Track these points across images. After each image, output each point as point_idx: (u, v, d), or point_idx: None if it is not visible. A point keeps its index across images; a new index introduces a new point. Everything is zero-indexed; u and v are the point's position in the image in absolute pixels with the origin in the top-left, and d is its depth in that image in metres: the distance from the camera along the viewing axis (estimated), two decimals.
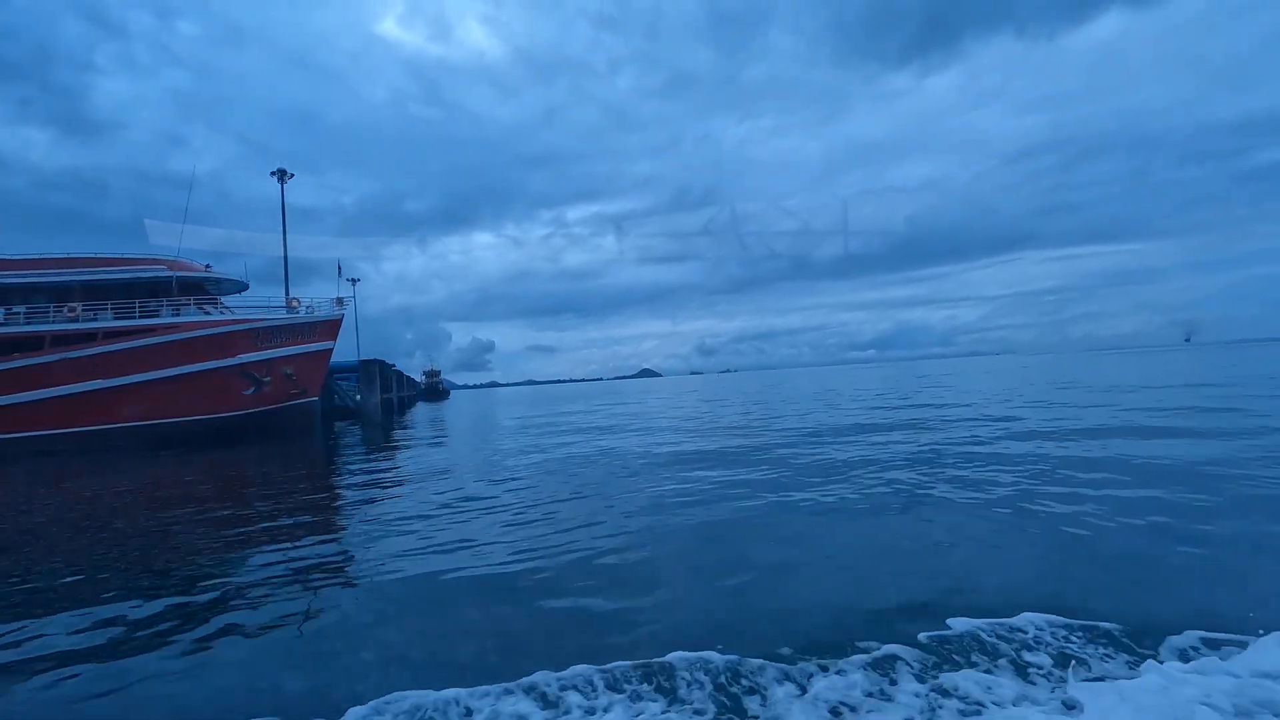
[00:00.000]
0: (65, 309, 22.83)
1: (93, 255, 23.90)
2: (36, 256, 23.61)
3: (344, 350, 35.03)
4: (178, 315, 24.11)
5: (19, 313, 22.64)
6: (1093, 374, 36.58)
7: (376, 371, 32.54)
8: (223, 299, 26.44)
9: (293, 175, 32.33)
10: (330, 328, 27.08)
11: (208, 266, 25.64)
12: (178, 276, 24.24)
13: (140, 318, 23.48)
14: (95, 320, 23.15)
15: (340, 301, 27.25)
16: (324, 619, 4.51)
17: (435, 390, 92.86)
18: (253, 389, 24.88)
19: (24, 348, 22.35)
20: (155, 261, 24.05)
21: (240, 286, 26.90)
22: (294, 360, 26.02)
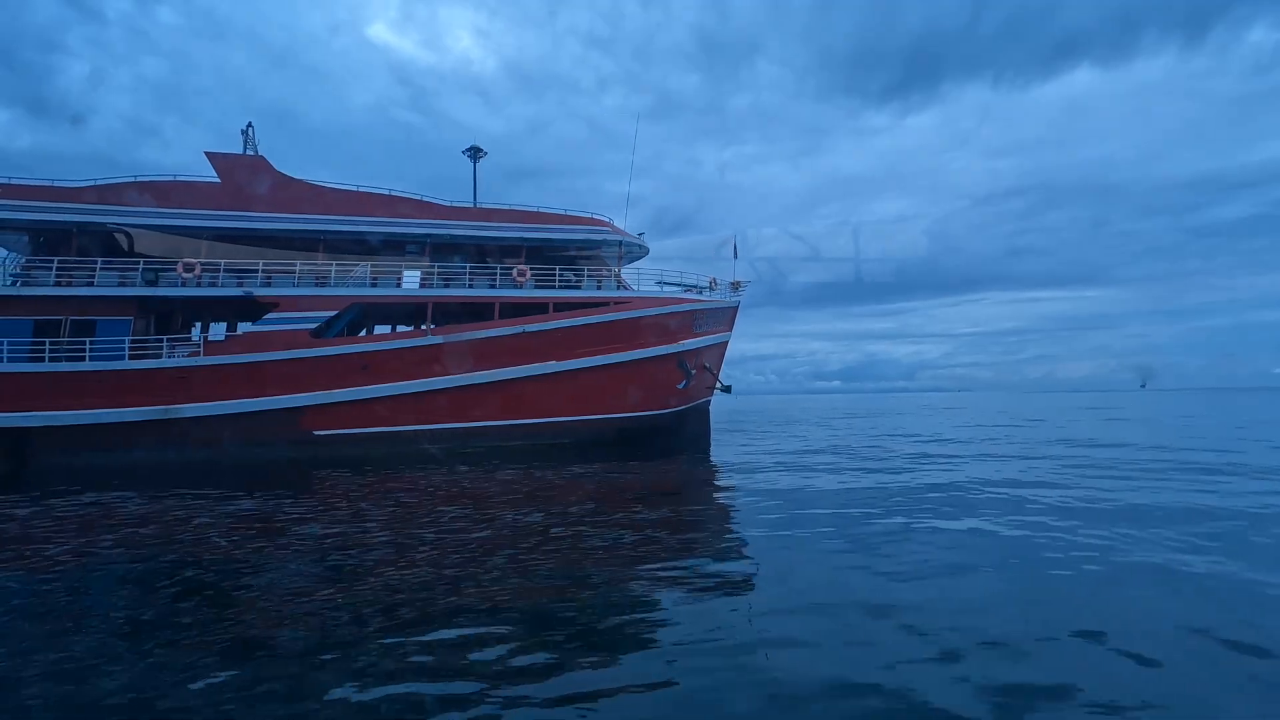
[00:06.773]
0: (514, 272, 18.29)
1: (529, 208, 19.39)
2: (464, 205, 19.04)
3: None
4: (613, 289, 19.88)
5: (464, 270, 17.98)
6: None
7: None
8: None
9: (485, 153, 27.74)
10: (731, 316, 23.17)
11: (641, 234, 21.33)
12: (624, 241, 19.98)
13: (585, 288, 19.20)
14: (525, 288, 18.68)
15: (737, 285, 23.33)
16: None
17: None
18: (684, 383, 20.67)
19: (474, 316, 17.70)
20: (598, 222, 19.71)
21: (645, 253, 22.56)
22: (710, 351, 21.99)
